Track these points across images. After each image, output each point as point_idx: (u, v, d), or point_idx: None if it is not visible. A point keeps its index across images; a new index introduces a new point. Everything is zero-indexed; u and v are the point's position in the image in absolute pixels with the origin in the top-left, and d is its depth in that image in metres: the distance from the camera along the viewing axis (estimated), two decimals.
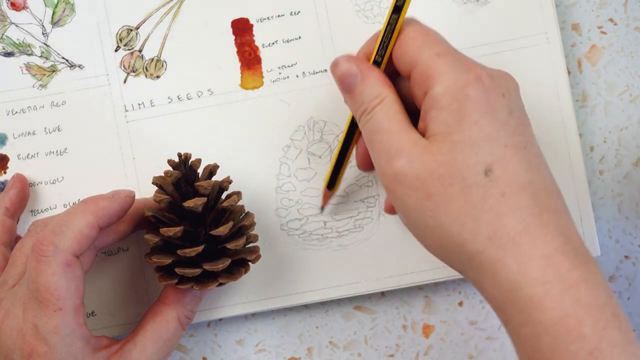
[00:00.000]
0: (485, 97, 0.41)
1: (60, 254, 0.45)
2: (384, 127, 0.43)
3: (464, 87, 0.41)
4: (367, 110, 0.44)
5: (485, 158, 0.41)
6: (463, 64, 0.42)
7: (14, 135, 0.55)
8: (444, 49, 0.43)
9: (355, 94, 0.45)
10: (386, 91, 0.44)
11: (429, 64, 0.42)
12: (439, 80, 0.42)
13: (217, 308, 0.54)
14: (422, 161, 0.41)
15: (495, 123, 0.41)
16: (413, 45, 0.43)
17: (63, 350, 0.45)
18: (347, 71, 0.45)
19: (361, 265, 0.54)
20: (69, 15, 0.55)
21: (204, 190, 0.48)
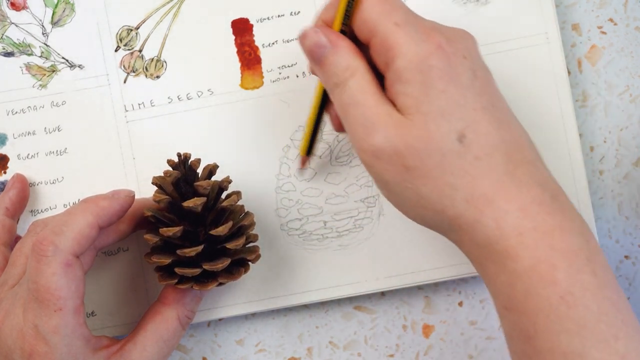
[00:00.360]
0: (448, 64, 0.42)
1: (60, 254, 0.45)
2: (359, 100, 0.43)
3: (426, 58, 0.41)
4: (339, 83, 0.44)
5: (457, 125, 0.41)
6: (422, 33, 0.42)
7: (14, 135, 0.55)
8: (403, 17, 0.43)
9: (326, 65, 0.44)
10: (357, 62, 0.44)
11: (387, 34, 0.42)
12: (400, 53, 0.42)
13: (217, 308, 0.54)
14: (398, 135, 0.41)
15: (461, 88, 0.42)
16: (372, 13, 0.43)
17: (63, 350, 0.45)
18: (317, 42, 0.44)
19: (361, 265, 0.54)
20: (69, 15, 0.55)
21: (203, 190, 0.48)
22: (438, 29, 0.43)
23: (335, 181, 0.55)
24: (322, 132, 0.54)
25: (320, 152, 0.55)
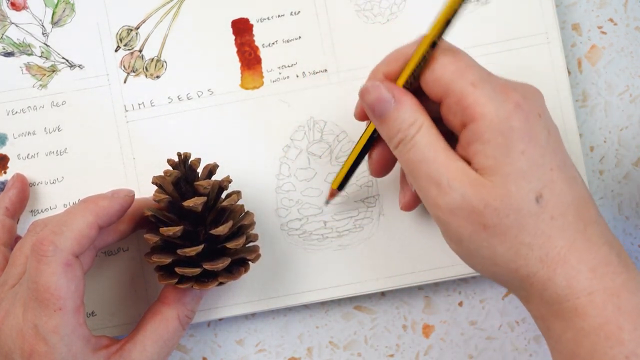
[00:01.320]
0: (527, 124, 0.42)
1: (60, 253, 0.45)
2: (429, 156, 0.43)
3: (507, 119, 0.42)
4: (406, 139, 0.44)
5: (536, 185, 0.42)
6: (499, 92, 0.42)
7: (14, 135, 0.55)
8: (478, 76, 0.43)
9: (390, 121, 0.44)
10: (422, 117, 0.44)
11: (465, 94, 0.42)
12: (480, 114, 0.42)
13: (217, 308, 0.54)
14: (477, 195, 0.42)
15: (539, 148, 0.42)
16: (445, 72, 0.43)
17: (63, 350, 0.45)
18: (379, 97, 0.44)
19: (361, 265, 0.54)
20: (69, 15, 0.55)
21: (203, 189, 0.48)
22: (513, 87, 0.43)
23: None
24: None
25: (320, 152, 0.55)
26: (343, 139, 0.55)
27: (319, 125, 0.55)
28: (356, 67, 0.55)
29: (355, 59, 0.55)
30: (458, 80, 0.42)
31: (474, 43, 0.54)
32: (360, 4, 0.55)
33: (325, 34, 0.55)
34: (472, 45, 0.54)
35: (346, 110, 0.55)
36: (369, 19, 0.55)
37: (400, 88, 0.45)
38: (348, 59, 0.55)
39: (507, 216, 0.42)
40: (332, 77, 0.55)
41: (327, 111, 0.55)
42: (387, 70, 0.46)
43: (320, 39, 0.55)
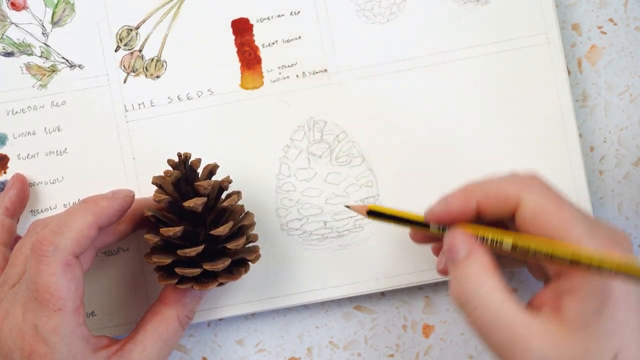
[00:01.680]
0: (625, 289, 0.42)
1: (60, 254, 0.45)
2: (502, 321, 0.42)
3: (608, 282, 0.41)
4: (472, 303, 0.43)
5: (617, 345, 0.42)
6: (604, 249, 0.42)
7: (14, 135, 0.55)
8: (583, 230, 0.42)
9: (457, 273, 0.44)
10: (488, 278, 0.43)
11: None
12: (582, 273, 0.42)
13: (217, 308, 0.54)
14: (557, 352, 0.42)
15: (629, 310, 0.42)
16: (549, 225, 0.42)
17: (63, 350, 0.45)
18: (454, 246, 0.44)
19: (361, 265, 0.54)
20: (69, 15, 0.55)
21: (203, 190, 0.48)
22: (614, 240, 0.43)
23: (335, 181, 0.55)
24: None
25: (320, 152, 0.55)
26: (343, 139, 0.55)
27: (319, 125, 0.55)
28: (356, 67, 0.55)
29: (355, 59, 0.55)
30: (565, 233, 0.42)
31: (473, 43, 0.54)
32: (360, 4, 0.55)
33: (325, 34, 0.55)
34: (471, 46, 0.54)
35: (346, 110, 0.55)
36: (369, 19, 0.55)
37: (474, 241, 0.44)
38: (348, 59, 0.55)
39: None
40: (332, 77, 0.55)
41: (327, 111, 0.55)
42: (460, 204, 0.45)
43: (320, 39, 0.55)
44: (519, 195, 0.44)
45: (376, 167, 0.54)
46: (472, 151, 0.54)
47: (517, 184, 0.44)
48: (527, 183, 0.45)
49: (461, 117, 0.54)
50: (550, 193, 0.44)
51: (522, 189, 0.44)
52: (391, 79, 0.55)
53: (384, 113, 0.55)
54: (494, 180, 0.45)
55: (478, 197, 0.45)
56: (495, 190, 0.45)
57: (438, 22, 0.55)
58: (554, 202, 0.43)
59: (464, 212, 0.45)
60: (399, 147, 0.54)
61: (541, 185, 0.45)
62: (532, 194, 0.43)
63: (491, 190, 0.45)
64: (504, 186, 0.44)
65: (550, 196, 0.44)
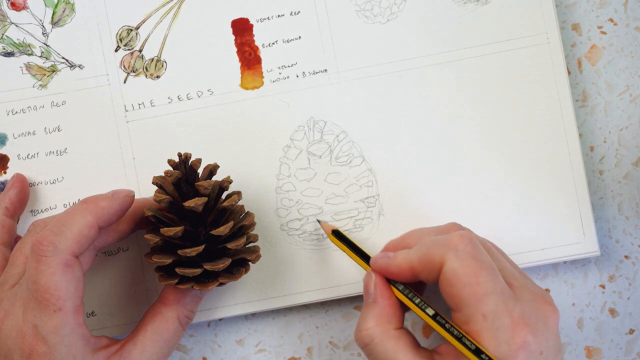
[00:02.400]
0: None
1: (60, 254, 0.45)
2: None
3: (507, 358, 0.43)
4: (368, 348, 0.47)
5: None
6: (508, 329, 0.43)
7: (14, 135, 0.55)
8: (492, 307, 0.43)
9: (361, 316, 0.48)
10: (385, 327, 0.46)
11: (472, 320, 0.44)
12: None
13: (217, 308, 0.54)
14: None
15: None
16: (461, 293, 0.44)
17: (63, 351, 0.45)
18: (366, 285, 0.48)
19: None
20: (69, 15, 0.55)
21: (204, 190, 0.48)
22: (525, 321, 0.44)
23: (335, 181, 0.55)
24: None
25: (320, 152, 0.55)
26: (343, 139, 0.55)
27: (319, 125, 0.55)
28: (356, 67, 0.55)
29: (355, 59, 0.55)
30: (471, 305, 0.44)
31: (473, 43, 0.54)
32: (360, 4, 0.55)
33: (325, 34, 0.55)
34: (471, 46, 0.54)
35: (346, 110, 0.55)
36: (369, 19, 0.55)
37: (383, 289, 0.48)
38: (348, 59, 0.55)
39: None
40: (332, 77, 0.55)
41: (327, 111, 0.55)
42: (400, 245, 0.50)
43: (320, 39, 0.55)
44: (443, 259, 0.45)
45: (376, 167, 0.54)
46: (472, 151, 0.54)
47: (442, 248, 0.46)
48: (452, 246, 0.46)
49: (461, 117, 0.54)
50: (473, 258, 0.45)
51: (445, 252, 0.45)
52: (391, 79, 0.55)
53: (384, 113, 0.55)
54: (426, 243, 0.47)
55: (413, 262, 0.47)
56: (425, 255, 0.46)
57: (438, 22, 0.55)
58: (472, 270, 0.44)
59: (401, 274, 0.48)
60: (399, 147, 0.54)
61: (466, 249, 0.46)
62: (453, 259, 0.45)
63: (422, 254, 0.47)
64: (432, 250, 0.46)
65: (471, 262, 0.45)
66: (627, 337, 0.56)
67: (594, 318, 0.56)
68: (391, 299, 0.48)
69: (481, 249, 0.46)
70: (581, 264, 0.56)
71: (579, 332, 0.56)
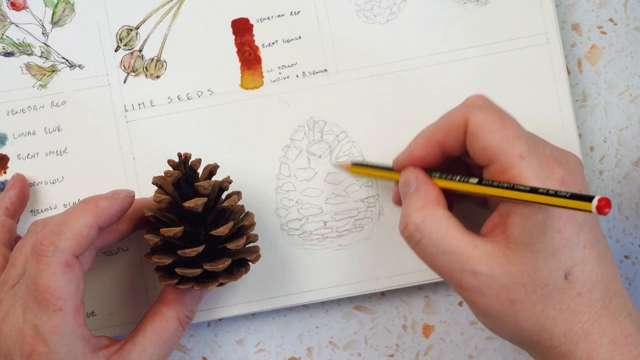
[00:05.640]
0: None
1: (60, 254, 0.45)
2: (445, 249, 0.44)
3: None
4: (419, 233, 0.45)
5: (566, 263, 0.42)
6: (546, 166, 0.43)
7: (14, 135, 0.55)
8: (525, 147, 0.43)
9: (405, 205, 0.46)
10: (434, 209, 0.45)
11: (511, 165, 0.42)
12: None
13: (217, 308, 0.54)
14: (505, 273, 0.42)
15: (576, 226, 0.43)
16: (492, 141, 0.43)
17: (63, 351, 0.45)
18: (406, 181, 0.47)
19: (361, 265, 0.54)
20: (69, 15, 0.55)
21: (204, 190, 0.48)
22: (559, 160, 0.44)
23: (335, 181, 0.55)
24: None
25: (320, 152, 0.55)
26: (343, 139, 0.55)
27: (319, 125, 0.55)
28: (356, 67, 0.55)
29: (355, 59, 0.55)
30: (506, 150, 0.43)
31: (473, 43, 0.54)
32: (360, 4, 0.55)
33: (325, 34, 0.55)
34: (471, 46, 0.54)
35: (346, 110, 0.55)
36: (369, 19, 0.55)
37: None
38: (348, 59, 0.55)
39: (534, 292, 0.42)
40: (332, 77, 0.55)
41: (327, 111, 0.55)
42: (423, 143, 0.47)
43: (320, 39, 0.55)
44: (466, 117, 0.44)
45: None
46: None
47: (463, 108, 0.45)
48: (472, 103, 0.45)
49: None
50: (494, 110, 0.45)
51: (467, 111, 0.44)
52: (391, 79, 0.55)
53: (384, 113, 0.55)
54: (444, 115, 0.46)
55: (436, 136, 0.46)
56: (447, 122, 0.45)
57: (438, 22, 0.55)
58: (497, 119, 0.44)
59: (427, 154, 0.47)
60: (399, 147, 0.54)
61: (486, 104, 0.45)
62: (476, 112, 0.44)
63: (443, 124, 0.46)
64: (452, 114, 0.45)
65: (494, 113, 0.44)
66: None
67: None
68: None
69: (497, 104, 0.46)
70: None
71: None
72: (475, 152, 0.44)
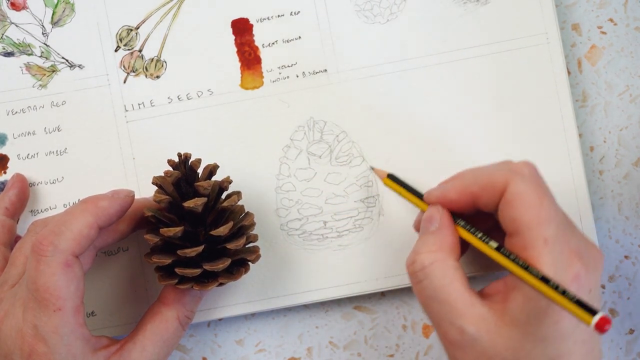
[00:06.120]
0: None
1: (60, 254, 0.45)
2: (443, 297, 0.44)
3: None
4: (423, 272, 0.44)
5: (552, 353, 0.42)
6: (565, 257, 0.42)
7: (14, 135, 0.55)
8: (554, 233, 0.42)
9: (419, 241, 0.46)
10: (445, 256, 0.44)
11: (533, 245, 0.42)
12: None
13: (217, 308, 0.54)
14: (490, 341, 0.42)
15: (574, 322, 0.42)
16: (524, 216, 0.43)
17: (62, 350, 0.45)
18: (431, 217, 0.47)
19: (361, 265, 0.54)
20: (69, 15, 0.55)
21: (204, 190, 0.48)
22: (580, 254, 0.43)
23: (335, 181, 0.55)
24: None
25: (320, 152, 0.55)
26: (343, 139, 0.55)
27: (319, 125, 0.55)
28: (356, 67, 0.55)
29: (355, 59, 0.55)
30: (534, 229, 0.42)
31: (473, 43, 0.54)
32: (360, 4, 0.55)
33: (325, 34, 0.55)
34: (472, 46, 0.54)
35: (346, 110, 0.55)
36: (369, 19, 0.55)
37: (448, 220, 0.46)
38: (348, 59, 0.55)
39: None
40: (332, 77, 0.55)
41: (327, 111, 0.55)
42: (458, 190, 0.47)
43: (320, 39, 0.55)
44: (507, 181, 0.44)
45: (376, 167, 0.54)
46: (472, 151, 0.54)
47: (507, 171, 0.45)
48: (518, 170, 0.45)
49: (461, 117, 0.54)
50: (537, 184, 0.44)
51: (511, 176, 0.44)
52: (391, 79, 0.55)
53: (384, 113, 0.55)
54: (487, 168, 0.46)
55: (472, 187, 0.46)
56: (487, 178, 0.45)
57: (438, 22, 0.55)
58: (536, 195, 0.43)
59: (459, 200, 0.46)
60: (399, 147, 0.54)
61: (531, 174, 0.45)
62: (518, 181, 0.44)
63: (483, 178, 0.45)
64: (495, 173, 0.45)
65: (536, 187, 0.44)
66: (627, 337, 0.56)
67: None
68: (455, 232, 0.46)
69: (544, 179, 0.45)
70: None
71: None
72: (505, 219, 0.44)
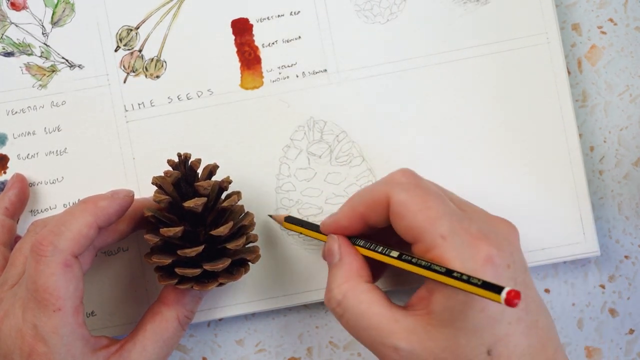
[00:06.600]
0: (495, 280, 0.41)
1: (59, 254, 0.45)
2: (367, 324, 0.44)
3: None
4: (341, 307, 0.45)
5: (488, 339, 0.42)
6: (468, 245, 0.42)
7: (14, 135, 0.55)
8: (448, 227, 0.42)
9: (329, 277, 0.46)
10: (356, 283, 0.45)
11: (433, 245, 0.42)
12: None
13: (217, 308, 0.54)
14: (424, 348, 0.42)
15: (498, 305, 0.42)
16: (414, 222, 0.43)
17: (62, 351, 0.45)
18: (330, 250, 0.47)
19: None
20: (69, 15, 0.55)
21: (203, 190, 0.48)
22: (486, 236, 0.43)
23: (335, 181, 0.55)
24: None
25: (320, 152, 0.55)
26: (343, 139, 0.55)
27: (319, 125, 0.55)
28: (356, 67, 0.55)
29: (355, 59, 0.55)
30: (428, 230, 0.43)
31: (474, 43, 0.54)
32: (360, 4, 0.55)
33: (325, 34, 0.55)
34: (472, 45, 0.54)
35: (346, 110, 0.55)
36: (369, 19, 0.55)
37: (347, 247, 0.47)
38: (348, 59, 0.55)
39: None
40: (332, 77, 0.55)
41: (327, 111, 0.55)
42: (349, 214, 0.47)
43: (320, 39, 0.55)
44: (388, 194, 0.44)
45: (376, 167, 0.54)
46: (472, 151, 0.54)
47: (385, 185, 0.45)
48: (395, 181, 0.45)
49: (461, 117, 0.54)
50: (417, 189, 0.44)
51: (389, 189, 0.44)
52: (391, 79, 0.55)
53: (384, 113, 0.55)
54: (369, 187, 0.47)
55: (359, 209, 0.46)
56: (370, 196, 0.46)
57: (438, 22, 0.55)
58: (419, 199, 0.44)
59: (351, 225, 0.47)
60: (399, 147, 0.54)
61: (409, 181, 0.45)
62: (398, 191, 0.44)
63: (367, 198, 0.46)
64: (375, 190, 0.45)
65: (416, 192, 0.44)
66: (627, 337, 0.56)
67: (594, 318, 0.56)
68: (357, 255, 0.47)
69: (424, 179, 0.45)
70: (581, 264, 0.56)
71: (579, 332, 0.56)
72: (400, 230, 0.44)
